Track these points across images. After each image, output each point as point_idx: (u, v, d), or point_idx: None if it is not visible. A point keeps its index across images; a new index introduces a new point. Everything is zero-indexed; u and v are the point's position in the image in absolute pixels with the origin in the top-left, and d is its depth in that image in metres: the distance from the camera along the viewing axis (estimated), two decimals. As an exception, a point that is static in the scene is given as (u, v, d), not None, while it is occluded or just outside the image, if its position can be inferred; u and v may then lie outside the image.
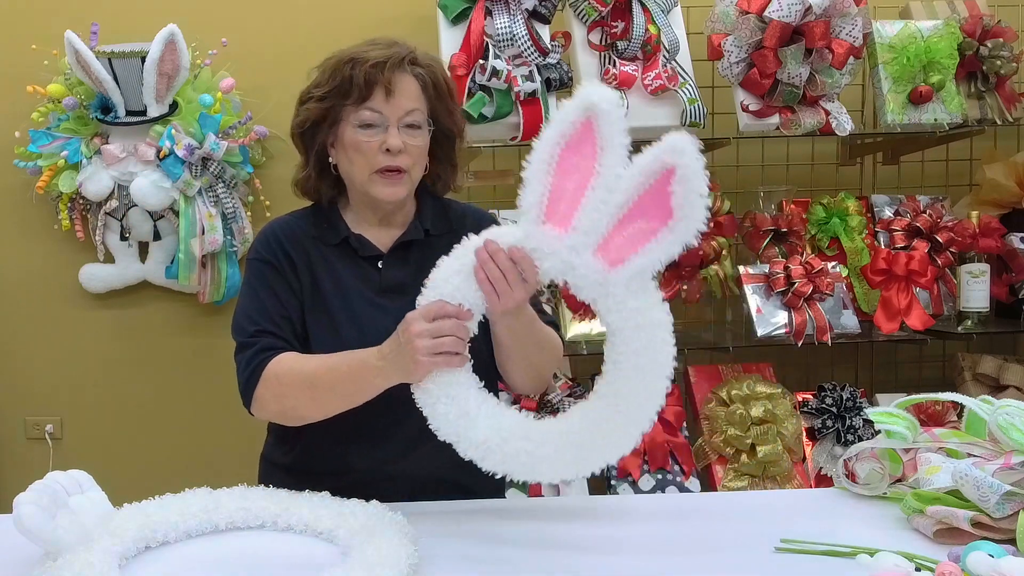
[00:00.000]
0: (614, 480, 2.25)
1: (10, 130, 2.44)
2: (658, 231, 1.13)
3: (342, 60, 1.42)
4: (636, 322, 1.15)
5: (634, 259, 1.14)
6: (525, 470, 1.22)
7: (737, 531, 1.28)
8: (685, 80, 2.25)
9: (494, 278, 1.20)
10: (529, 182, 1.18)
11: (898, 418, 1.42)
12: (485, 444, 1.21)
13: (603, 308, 1.18)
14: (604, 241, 1.16)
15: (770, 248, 2.41)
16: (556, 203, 1.18)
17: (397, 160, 1.40)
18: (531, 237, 1.19)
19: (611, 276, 1.16)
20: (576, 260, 1.17)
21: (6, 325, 2.59)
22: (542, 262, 1.19)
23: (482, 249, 1.20)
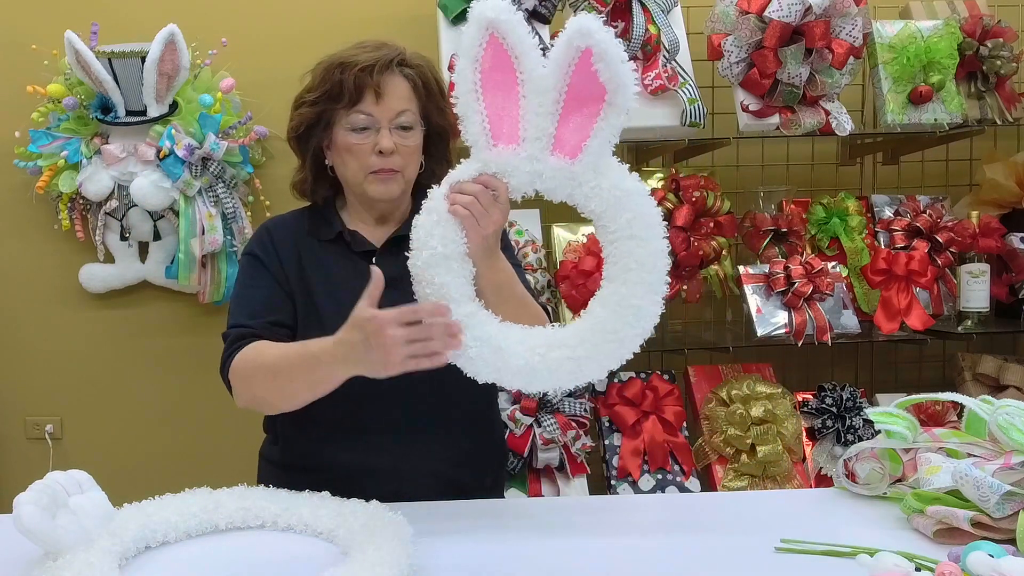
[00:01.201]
0: (614, 480, 2.25)
1: (10, 130, 2.44)
2: (599, 110, 1.18)
3: (332, 64, 1.44)
4: (615, 196, 1.20)
5: (590, 143, 1.19)
6: (572, 376, 1.22)
7: (737, 531, 1.28)
8: (685, 80, 2.25)
9: (467, 205, 1.24)
10: (464, 116, 1.24)
11: (898, 418, 1.42)
12: (528, 366, 1.21)
13: (581, 199, 1.22)
14: (556, 140, 1.21)
15: (770, 248, 2.41)
16: (497, 124, 1.23)
17: (390, 161, 1.42)
18: (489, 162, 1.24)
19: (575, 167, 1.21)
20: (538, 167, 1.22)
21: (6, 325, 2.59)
22: (509, 179, 1.24)
23: (452, 187, 1.25)
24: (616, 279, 1.20)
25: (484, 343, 1.23)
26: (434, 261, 1.25)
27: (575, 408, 2.21)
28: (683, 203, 2.32)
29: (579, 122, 1.20)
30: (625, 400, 2.31)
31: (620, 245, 1.20)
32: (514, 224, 2.31)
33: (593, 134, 1.19)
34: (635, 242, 1.19)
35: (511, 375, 1.22)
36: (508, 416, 2.15)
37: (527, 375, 1.22)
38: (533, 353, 1.22)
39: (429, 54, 2.28)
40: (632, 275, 1.19)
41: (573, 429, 2.19)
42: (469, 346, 1.22)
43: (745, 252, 2.51)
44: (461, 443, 1.49)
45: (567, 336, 1.23)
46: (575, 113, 1.20)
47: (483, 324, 1.24)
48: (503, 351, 1.22)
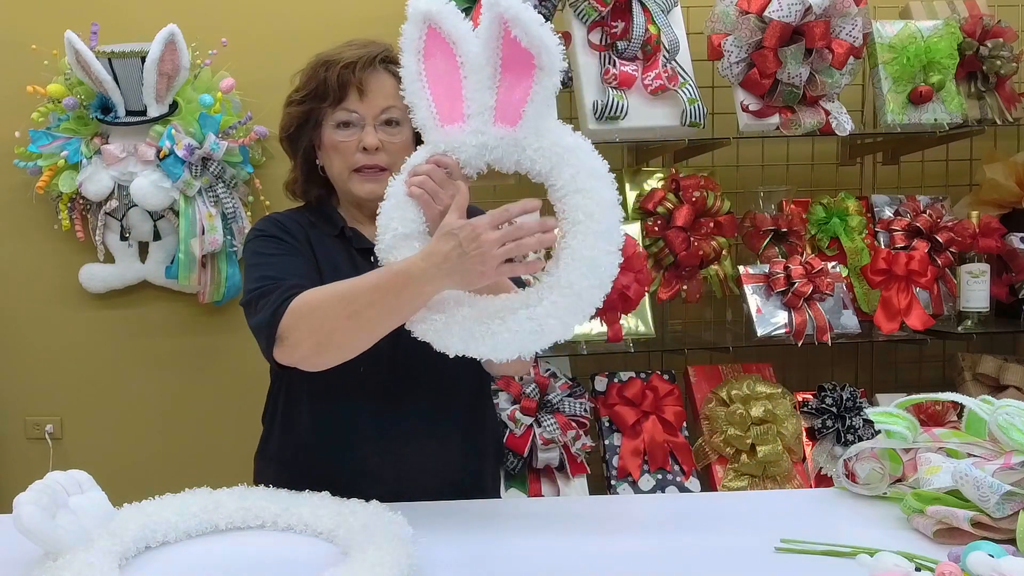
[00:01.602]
0: (614, 480, 2.25)
1: (10, 130, 2.44)
2: (531, 75, 1.23)
3: (318, 63, 1.46)
4: (556, 153, 1.24)
5: (528, 108, 1.24)
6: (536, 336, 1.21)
7: (737, 531, 1.28)
8: (685, 80, 2.25)
9: (421, 184, 1.28)
10: (412, 104, 1.30)
11: (898, 418, 1.42)
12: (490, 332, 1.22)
13: (527, 163, 1.26)
14: (496, 111, 1.26)
15: (770, 248, 2.41)
16: (443, 107, 1.29)
17: (375, 158, 1.43)
18: (439, 142, 1.30)
19: (518, 132, 1.25)
20: (483, 139, 1.27)
21: (6, 325, 2.59)
22: (459, 155, 1.29)
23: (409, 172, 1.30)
24: (568, 234, 1.21)
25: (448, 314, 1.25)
26: (395, 242, 1.29)
27: (575, 408, 2.21)
28: (683, 203, 2.33)
29: (514, 91, 1.25)
30: (625, 400, 2.31)
31: (568, 200, 1.22)
32: (514, 224, 2.31)
33: (529, 99, 1.24)
34: (581, 195, 1.21)
35: (476, 343, 1.23)
36: (508, 416, 2.15)
37: (490, 340, 1.22)
38: (493, 318, 1.23)
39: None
40: (581, 227, 1.20)
41: (573, 429, 2.19)
42: (435, 319, 1.25)
43: (745, 252, 2.51)
44: (459, 442, 1.49)
45: (526, 297, 1.24)
46: (511, 83, 1.25)
47: (445, 298, 1.26)
48: (464, 319, 1.24)
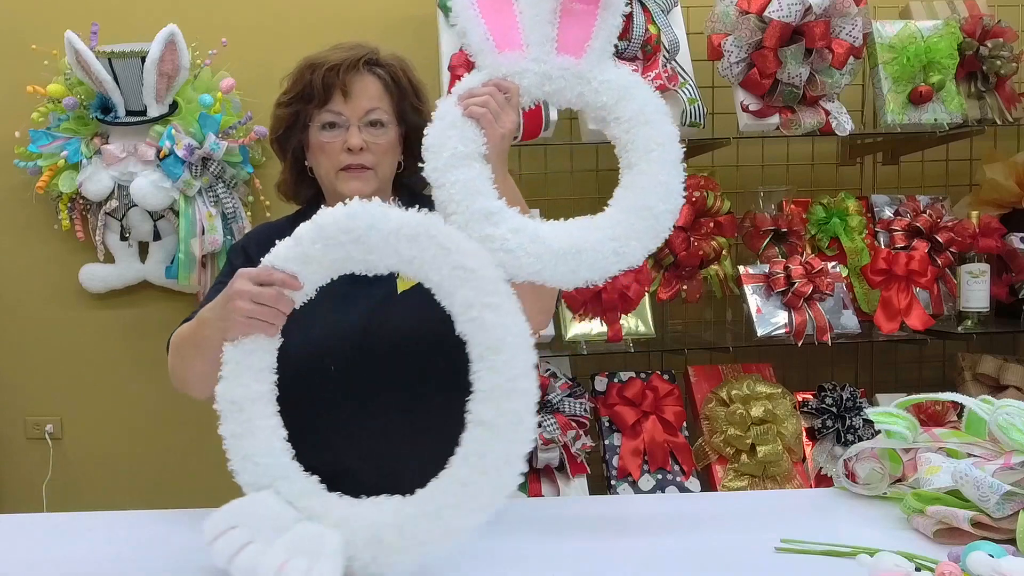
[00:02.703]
0: (614, 480, 2.25)
1: (10, 130, 2.44)
2: (596, 11, 1.24)
3: (304, 66, 1.48)
4: (623, 86, 1.25)
5: (593, 42, 1.25)
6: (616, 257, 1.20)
7: (737, 531, 1.28)
8: (685, 80, 2.25)
9: (483, 103, 1.25)
10: (466, 29, 1.27)
11: (898, 418, 1.42)
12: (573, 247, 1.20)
13: (591, 95, 1.26)
14: (559, 43, 1.26)
15: (770, 248, 2.40)
16: (499, 34, 1.27)
17: (359, 158, 1.45)
18: (498, 66, 1.27)
19: (582, 65, 1.26)
20: (546, 67, 1.26)
21: (6, 325, 2.59)
22: (520, 81, 1.27)
23: (462, 94, 1.26)
24: (639, 162, 1.23)
25: (521, 232, 1.19)
26: (455, 161, 1.22)
27: (575, 408, 2.21)
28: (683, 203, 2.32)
29: (577, 25, 1.25)
30: (625, 400, 2.31)
31: (637, 131, 1.23)
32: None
33: (594, 34, 1.25)
34: (650, 127, 1.23)
35: (556, 261, 1.18)
36: (508, 416, 2.15)
37: (573, 258, 1.18)
38: (574, 236, 1.20)
39: (429, 54, 2.32)
40: (654, 155, 1.22)
41: (573, 429, 2.19)
42: (506, 238, 1.18)
43: (745, 252, 2.50)
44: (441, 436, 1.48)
45: (601, 220, 1.23)
46: (572, 17, 1.26)
47: (515, 216, 1.22)
48: (543, 238, 1.20)
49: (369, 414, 1.43)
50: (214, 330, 1.23)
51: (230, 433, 1.17)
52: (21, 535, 1.32)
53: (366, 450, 1.42)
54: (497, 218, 1.19)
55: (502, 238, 1.18)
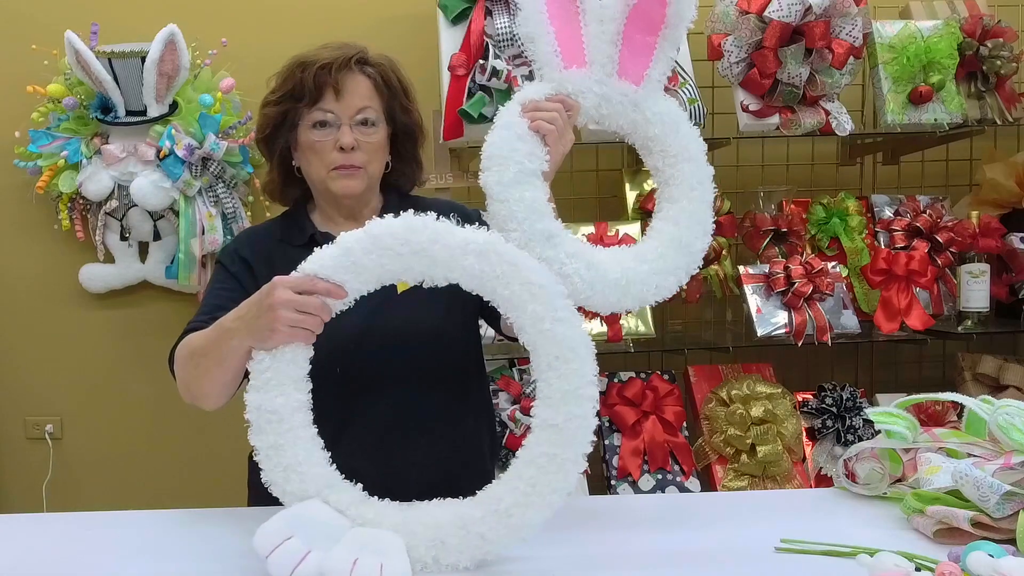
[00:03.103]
0: (614, 480, 2.25)
1: (10, 130, 2.44)
2: (657, 40, 1.25)
3: (293, 64, 1.47)
4: (673, 120, 1.28)
5: (651, 72, 1.26)
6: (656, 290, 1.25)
7: (737, 531, 1.28)
8: (685, 80, 2.25)
9: (551, 120, 1.25)
10: (533, 38, 1.27)
11: (898, 418, 1.42)
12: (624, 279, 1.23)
13: (642, 123, 1.28)
14: (620, 66, 1.26)
15: (770, 248, 2.40)
16: (566, 47, 1.27)
17: (351, 157, 1.45)
18: (564, 82, 1.27)
19: (640, 94, 1.27)
20: (607, 90, 1.27)
21: (6, 325, 2.59)
22: (582, 101, 1.27)
23: (526, 105, 1.26)
24: (682, 198, 1.26)
25: (578, 258, 1.22)
26: (522, 177, 1.23)
27: (575, 408, 2.21)
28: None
29: (638, 51, 1.26)
30: (625, 400, 2.31)
31: (681, 167, 1.27)
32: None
33: (654, 63, 1.26)
34: (694, 164, 1.27)
35: (607, 290, 1.22)
36: (508, 416, 2.15)
37: (622, 289, 1.22)
38: (625, 267, 1.23)
39: (429, 53, 2.32)
40: (696, 193, 1.26)
41: (573, 429, 2.19)
42: (564, 262, 1.21)
43: (745, 252, 2.50)
44: (446, 434, 1.49)
45: (647, 251, 1.26)
46: (633, 42, 1.26)
47: (572, 241, 1.24)
48: (597, 266, 1.23)
49: (372, 414, 1.43)
50: (243, 339, 1.21)
51: (268, 444, 1.16)
52: (21, 535, 1.32)
53: (369, 450, 1.42)
54: (557, 240, 1.21)
55: (560, 262, 1.20)
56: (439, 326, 1.47)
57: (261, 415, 1.16)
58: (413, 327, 1.46)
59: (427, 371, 1.46)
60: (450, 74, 2.22)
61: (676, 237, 1.25)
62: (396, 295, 1.46)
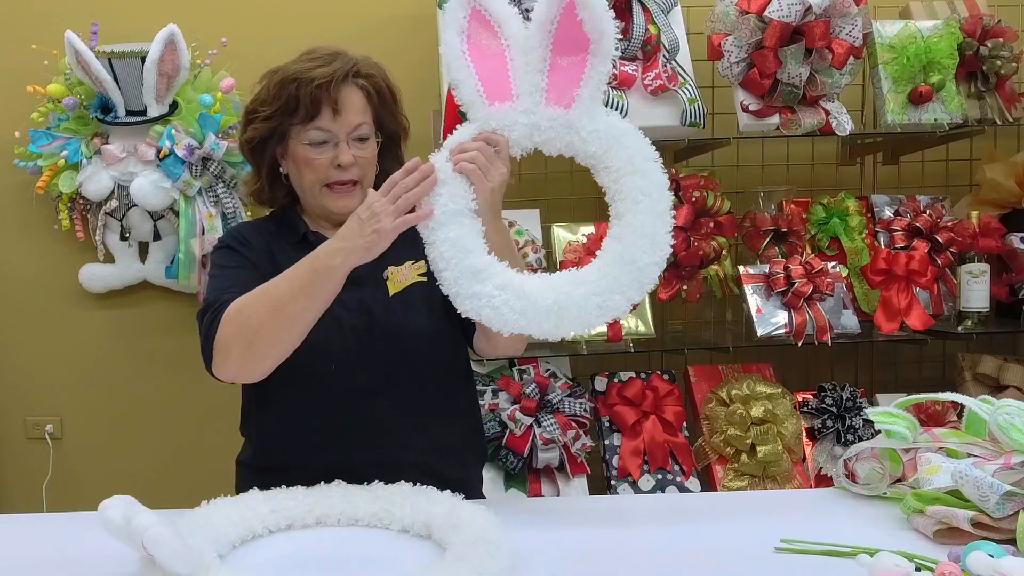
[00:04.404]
0: (614, 480, 2.25)
1: (10, 130, 2.44)
2: (585, 59, 1.25)
3: (287, 79, 1.45)
4: (612, 136, 1.27)
5: (582, 92, 1.26)
6: (600, 311, 1.24)
7: (737, 531, 1.28)
8: (685, 80, 2.25)
9: (472, 159, 1.28)
10: (457, 81, 1.30)
11: (898, 418, 1.42)
12: (556, 304, 1.23)
13: (580, 144, 1.28)
14: (548, 93, 1.28)
15: (770, 248, 2.40)
16: (489, 85, 1.30)
17: (348, 173, 1.45)
18: (487, 119, 1.30)
19: (571, 115, 1.27)
20: (535, 119, 1.29)
21: (6, 325, 2.59)
22: (510, 134, 1.29)
23: (452, 148, 1.30)
24: (626, 213, 1.26)
25: (507, 290, 1.24)
26: (445, 218, 1.27)
27: (575, 408, 2.21)
28: (683, 203, 2.32)
29: (567, 74, 1.27)
30: (625, 400, 2.31)
31: (625, 181, 1.26)
32: (514, 224, 2.31)
33: (584, 83, 1.26)
34: (638, 176, 1.25)
35: (539, 317, 1.23)
36: (508, 416, 2.15)
37: (556, 315, 1.23)
38: (558, 292, 1.24)
39: (429, 53, 2.32)
40: (641, 206, 1.24)
41: (573, 429, 2.19)
42: (492, 295, 1.24)
43: (745, 252, 2.50)
44: (440, 434, 1.49)
45: (586, 274, 1.26)
46: (562, 66, 1.27)
47: (503, 273, 1.26)
48: (527, 294, 1.24)
49: (369, 411, 1.44)
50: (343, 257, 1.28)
51: None
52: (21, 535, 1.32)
53: (366, 446, 1.43)
54: (484, 275, 1.24)
55: (488, 295, 1.23)
56: (432, 327, 1.48)
57: None
58: (411, 326, 1.47)
59: (424, 369, 1.47)
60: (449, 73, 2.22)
61: (619, 254, 1.24)
62: (388, 297, 1.47)
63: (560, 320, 1.23)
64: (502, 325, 1.24)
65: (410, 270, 1.47)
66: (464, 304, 1.26)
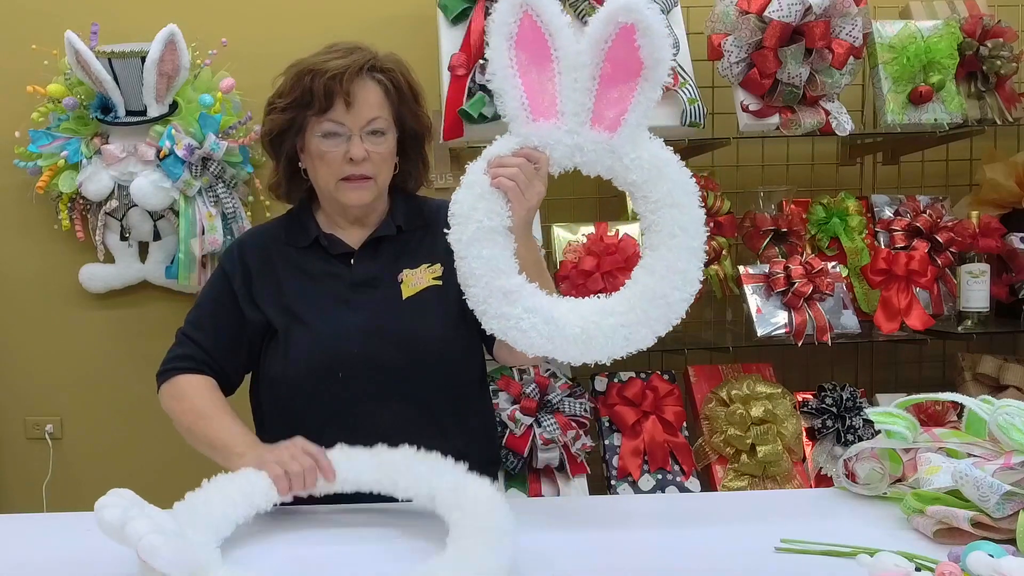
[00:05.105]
0: (614, 480, 2.25)
1: (10, 130, 2.44)
2: (635, 84, 1.22)
3: (302, 70, 1.44)
4: (655, 166, 1.25)
5: (628, 117, 1.23)
6: (625, 342, 1.24)
7: (737, 531, 1.28)
8: (685, 80, 2.24)
9: (512, 176, 1.24)
10: (502, 90, 1.25)
11: (898, 418, 1.42)
12: (584, 333, 1.22)
13: (621, 171, 1.25)
14: (594, 115, 1.24)
15: (770, 248, 2.40)
16: (535, 99, 1.25)
17: (361, 168, 1.43)
18: (531, 135, 1.26)
19: (615, 140, 1.24)
20: (579, 140, 1.25)
21: (6, 325, 2.59)
22: (551, 153, 1.26)
23: (491, 161, 1.26)
24: (660, 246, 1.24)
25: (536, 313, 1.23)
26: (480, 235, 1.25)
27: (575, 408, 2.21)
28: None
29: (615, 97, 1.24)
30: (625, 400, 2.31)
31: (663, 213, 1.24)
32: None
33: (631, 108, 1.23)
34: (677, 210, 1.24)
35: (566, 344, 1.23)
36: (508, 416, 2.15)
37: (583, 343, 1.22)
38: (587, 321, 1.23)
39: (429, 53, 2.32)
40: (676, 241, 1.24)
41: (573, 429, 2.19)
42: (521, 318, 1.22)
43: (745, 252, 2.50)
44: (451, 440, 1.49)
45: (616, 304, 1.25)
46: (611, 88, 1.24)
47: (532, 295, 1.25)
48: (556, 320, 1.23)
49: (377, 417, 1.44)
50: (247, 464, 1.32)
51: None
52: (21, 535, 1.32)
53: None
54: (514, 297, 1.23)
55: (517, 317, 1.22)
56: (444, 333, 1.47)
57: None
58: (419, 331, 1.45)
59: (432, 375, 1.46)
60: (450, 74, 2.22)
61: (650, 288, 1.23)
62: (402, 300, 1.46)
63: (586, 348, 1.22)
64: (528, 347, 1.23)
65: (425, 273, 1.46)
66: (491, 323, 1.25)
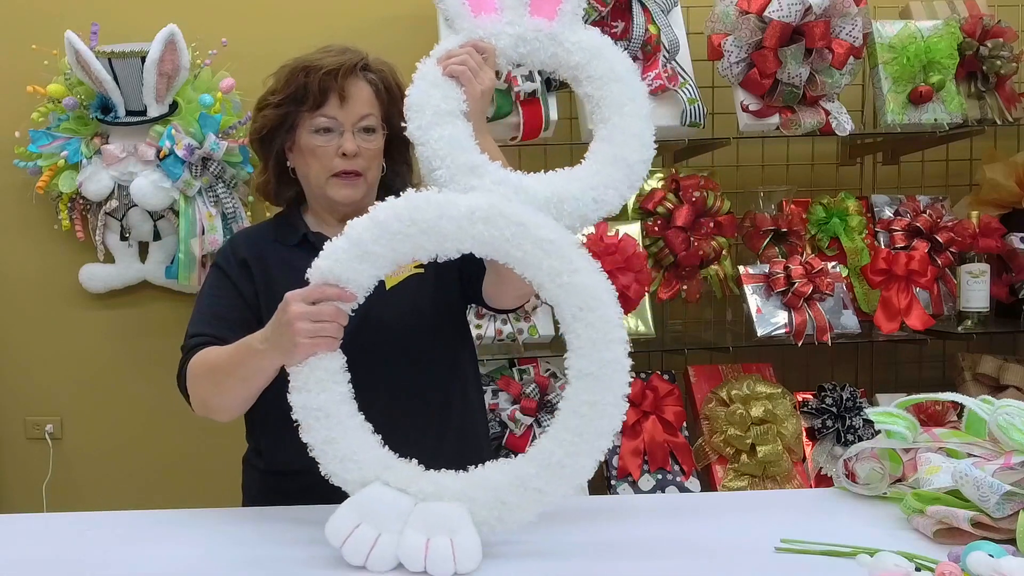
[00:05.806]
0: (614, 480, 2.25)
1: (10, 130, 2.44)
2: None
3: (297, 68, 1.47)
4: (595, 46, 1.30)
5: (564, 6, 1.31)
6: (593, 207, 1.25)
7: (737, 531, 1.28)
8: (685, 80, 2.24)
9: (462, 62, 1.29)
10: None
11: (898, 418, 1.42)
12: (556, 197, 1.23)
13: (563, 54, 1.31)
14: (531, 5, 1.31)
15: (770, 248, 2.40)
16: None
17: (352, 163, 1.46)
18: (474, 29, 1.32)
19: (555, 27, 1.31)
20: (520, 29, 1.31)
21: (6, 325, 2.59)
22: (496, 43, 1.32)
23: (441, 56, 1.30)
24: (612, 116, 1.28)
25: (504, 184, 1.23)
26: (438, 118, 1.27)
27: (575, 408, 2.21)
28: (683, 203, 2.32)
29: None
30: (625, 400, 2.31)
31: (609, 88, 1.29)
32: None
33: None
34: (621, 83, 1.29)
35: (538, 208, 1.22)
36: (508, 416, 2.15)
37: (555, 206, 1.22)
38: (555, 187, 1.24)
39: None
40: (627, 109, 1.27)
41: (573, 429, 2.19)
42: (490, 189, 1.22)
43: (745, 252, 2.50)
44: (446, 440, 1.49)
45: (579, 171, 1.27)
46: None
47: (497, 170, 1.25)
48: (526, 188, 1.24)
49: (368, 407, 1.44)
50: (272, 358, 1.25)
51: (321, 439, 1.20)
52: (21, 535, 1.32)
53: None
54: (481, 171, 1.24)
55: (486, 189, 1.23)
56: (432, 319, 1.48)
57: (308, 413, 1.20)
58: (408, 320, 1.47)
59: (422, 364, 1.48)
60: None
61: (610, 153, 1.26)
62: (385, 291, 1.47)
63: (559, 212, 1.23)
64: None
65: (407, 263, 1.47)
66: None
